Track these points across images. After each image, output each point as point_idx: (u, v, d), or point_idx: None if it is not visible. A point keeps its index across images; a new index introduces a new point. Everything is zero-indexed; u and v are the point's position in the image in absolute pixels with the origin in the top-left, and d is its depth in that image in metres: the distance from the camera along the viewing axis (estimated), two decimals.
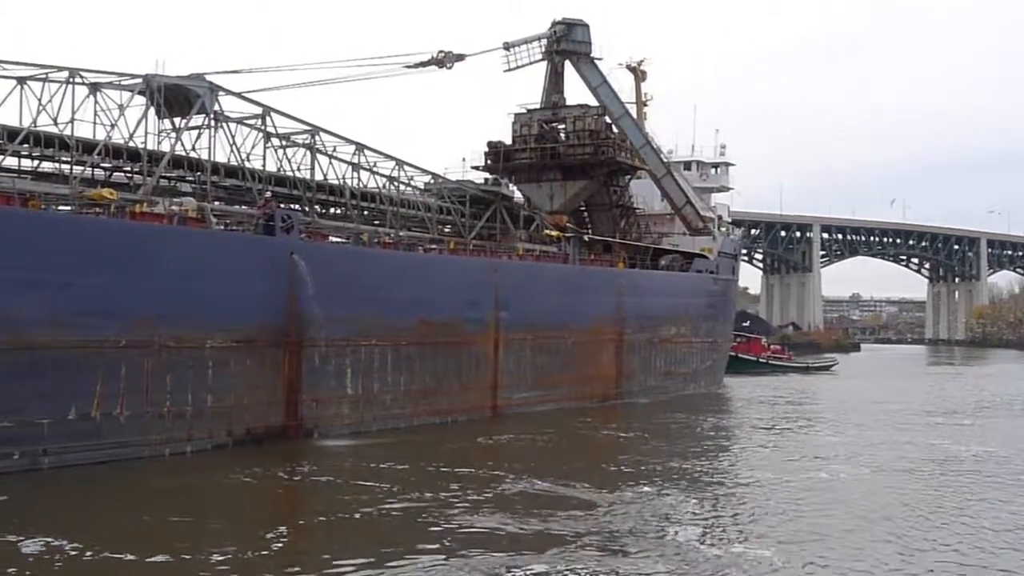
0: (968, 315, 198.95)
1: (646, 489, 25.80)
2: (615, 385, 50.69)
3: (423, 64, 48.21)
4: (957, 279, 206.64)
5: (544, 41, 56.49)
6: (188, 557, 18.15)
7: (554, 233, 50.09)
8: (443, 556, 18.52)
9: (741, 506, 24.33)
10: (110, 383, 27.02)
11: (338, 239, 41.94)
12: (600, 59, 56.49)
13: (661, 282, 55.77)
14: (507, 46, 54.90)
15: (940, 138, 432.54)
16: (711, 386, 61.75)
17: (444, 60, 48.81)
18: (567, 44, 56.19)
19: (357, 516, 22.28)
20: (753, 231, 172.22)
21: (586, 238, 52.98)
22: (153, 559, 18.02)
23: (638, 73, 66.53)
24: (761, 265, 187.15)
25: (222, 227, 34.75)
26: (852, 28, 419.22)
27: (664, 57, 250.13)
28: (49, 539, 18.91)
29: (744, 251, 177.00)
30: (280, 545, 19.52)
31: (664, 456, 32.39)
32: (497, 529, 20.94)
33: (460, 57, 49.27)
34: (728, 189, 71.87)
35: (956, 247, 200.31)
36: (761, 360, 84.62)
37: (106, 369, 26.88)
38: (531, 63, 56.15)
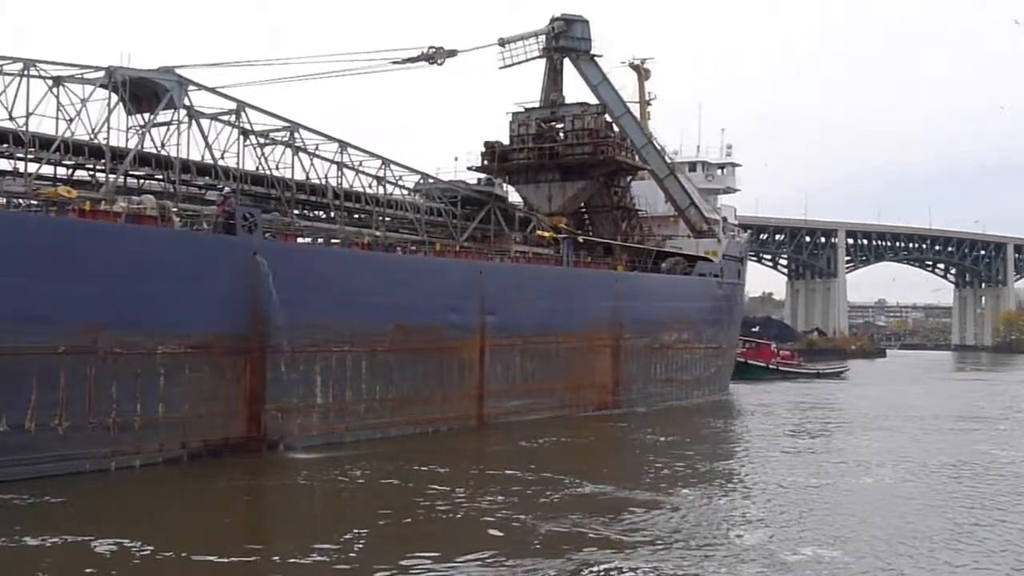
0: (995, 321, 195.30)
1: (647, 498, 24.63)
2: (612, 393, 48.62)
3: (412, 60, 46.55)
4: (984, 284, 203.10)
5: (542, 38, 54.69)
6: None
7: (546, 234, 48.17)
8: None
9: (791, 509, 24.09)
10: (47, 392, 25.29)
11: (322, 240, 40.46)
12: (600, 56, 54.78)
13: (662, 285, 53.60)
14: (503, 42, 53.11)
15: (966, 142, 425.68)
16: (716, 393, 59.40)
17: (435, 56, 47.19)
18: (566, 41, 54.39)
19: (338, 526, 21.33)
20: (778, 236, 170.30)
21: (580, 239, 50.92)
22: None
23: (641, 72, 64.48)
24: (786, 271, 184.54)
25: (195, 228, 33.23)
26: (869, 31, 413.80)
27: (670, 58, 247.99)
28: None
29: (768, 256, 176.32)
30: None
31: (656, 461, 30.90)
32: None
33: (452, 53, 47.68)
34: (734, 191, 69.60)
35: (983, 252, 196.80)
36: (770, 366, 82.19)
37: (42, 377, 25.18)
38: (528, 60, 54.38)
